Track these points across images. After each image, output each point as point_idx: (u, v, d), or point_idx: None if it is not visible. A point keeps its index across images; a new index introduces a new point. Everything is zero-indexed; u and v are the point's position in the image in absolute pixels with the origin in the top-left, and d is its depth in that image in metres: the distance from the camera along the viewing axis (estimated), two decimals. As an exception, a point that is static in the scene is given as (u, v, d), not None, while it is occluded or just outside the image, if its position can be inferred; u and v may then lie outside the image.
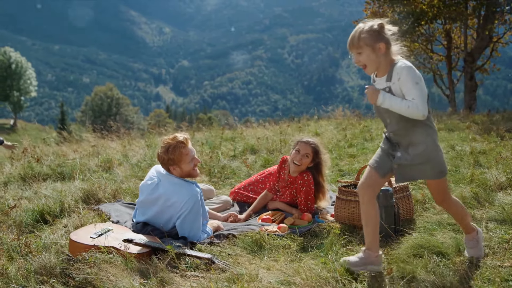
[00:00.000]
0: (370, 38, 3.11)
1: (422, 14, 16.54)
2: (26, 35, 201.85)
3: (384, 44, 3.12)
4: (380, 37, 3.13)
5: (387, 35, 3.15)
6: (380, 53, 3.13)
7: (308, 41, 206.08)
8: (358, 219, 4.11)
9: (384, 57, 3.15)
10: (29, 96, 65.57)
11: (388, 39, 3.15)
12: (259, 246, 3.71)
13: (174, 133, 4.43)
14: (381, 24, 3.14)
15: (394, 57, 3.17)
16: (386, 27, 3.16)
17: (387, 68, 3.15)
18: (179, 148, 4.03)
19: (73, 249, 3.55)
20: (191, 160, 4.09)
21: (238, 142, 8.55)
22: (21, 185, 5.94)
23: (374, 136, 8.51)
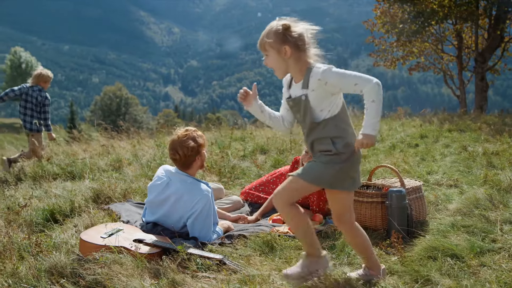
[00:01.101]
0: (275, 40, 2.85)
1: (432, 14, 16.42)
2: (36, 35, 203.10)
3: (289, 47, 2.84)
4: (285, 39, 2.84)
5: (294, 37, 2.84)
6: (286, 57, 2.86)
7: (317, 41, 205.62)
8: (370, 220, 4.07)
9: (294, 62, 2.88)
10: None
11: (295, 41, 2.84)
12: (270, 247, 3.68)
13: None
14: (285, 25, 2.84)
15: (309, 61, 2.89)
16: (293, 29, 2.85)
17: (301, 74, 2.89)
18: (201, 134, 4.14)
19: (84, 249, 3.53)
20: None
21: (248, 142, 8.51)
22: (32, 184, 5.94)
23: (385, 136, 8.46)
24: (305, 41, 2.87)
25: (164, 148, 8.23)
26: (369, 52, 20.53)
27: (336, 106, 2.86)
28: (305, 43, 2.87)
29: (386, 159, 6.76)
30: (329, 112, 2.85)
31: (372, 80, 2.72)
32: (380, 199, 4.05)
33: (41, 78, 7.56)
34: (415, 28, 16.73)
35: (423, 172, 5.83)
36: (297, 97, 2.91)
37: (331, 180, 2.84)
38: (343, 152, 2.80)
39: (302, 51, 2.87)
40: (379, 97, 2.73)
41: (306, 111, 2.87)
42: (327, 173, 2.82)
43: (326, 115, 2.85)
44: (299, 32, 2.86)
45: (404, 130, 9.11)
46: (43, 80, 7.57)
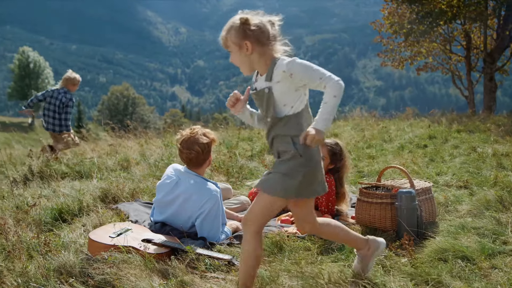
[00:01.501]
0: (235, 35, 2.70)
1: (441, 14, 16.33)
2: (44, 35, 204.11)
3: (250, 42, 2.69)
4: (245, 34, 2.69)
5: (254, 31, 2.68)
6: (248, 53, 2.72)
7: (324, 42, 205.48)
8: (380, 221, 4.04)
9: (258, 57, 2.74)
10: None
11: (256, 36, 2.69)
12: (279, 247, 3.66)
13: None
14: (243, 19, 2.68)
15: (275, 55, 2.75)
16: (252, 22, 2.68)
17: (266, 67, 2.74)
18: (209, 130, 4.12)
19: (92, 248, 3.53)
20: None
21: (256, 142, 8.50)
22: (40, 183, 5.95)
23: (393, 137, 8.42)
24: (267, 35, 2.72)
25: (172, 147, 8.22)
26: (377, 52, 20.47)
27: (300, 102, 2.72)
28: (268, 37, 2.72)
29: (395, 159, 6.72)
30: (292, 108, 2.71)
31: (337, 78, 2.59)
32: (390, 200, 4.02)
33: (70, 81, 7.87)
34: (423, 28, 16.65)
35: (432, 173, 5.79)
36: (261, 89, 2.76)
37: (296, 190, 2.69)
38: (303, 154, 2.66)
39: (265, 45, 2.72)
40: (340, 96, 2.59)
41: (269, 104, 2.73)
42: (291, 184, 2.67)
43: (289, 111, 2.70)
44: (259, 25, 2.70)
45: (412, 130, 9.07)
46: (72, 83, 7.88)
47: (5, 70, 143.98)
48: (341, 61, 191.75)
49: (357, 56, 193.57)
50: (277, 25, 2.80)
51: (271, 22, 2.77)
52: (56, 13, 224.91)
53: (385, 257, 3.42)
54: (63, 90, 7.82)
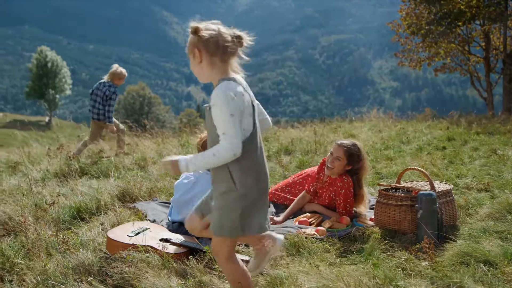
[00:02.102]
0: (190, 42, 2.60)
1: (460, 15, 16.15)
2: (62, 35, 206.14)
3: (199, 51, 2.56)
4: (196, 42, 2.56)
5: (205, 41, 2.53)
6: (198, 61, 2.59)
7: (340, 42, 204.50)
8: (399, 224, 3.99)
9: (209, 68, 2.58)
10: (64, 94, 66.94)
11: (206, 45, 2.54)
12: (297, 249, 3.63)
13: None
14: (193, 28, 2.55)
15: (226, 72, 2.59)
16: (203, 32, 2.54)
17: (215, 82, 2.57)
18: None
19: (111, 247, 3.53)
20: None
21: (272, 143, 8.47)
22: (58, 181, 5.99)
23: (411, 138, 8.33)
24: (218, 45, 2.54)
25: (188, 147, 8.23)
26: (393, 53, 20.30)
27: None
28: (218, 47, 2.54)
29: (413, 161, 6.65)
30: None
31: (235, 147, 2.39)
32: (410, 202, 3.97)
33: (116, 75, 8.12)
34: (442, 29, 16.47)
35: (452, 176, 5.71)
36: (206, 105, 2.59)
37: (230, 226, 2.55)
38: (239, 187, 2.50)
39: (215, 55, 2.55)
40: (220, 160, 2.42)
41: (209, 124, 2.57)
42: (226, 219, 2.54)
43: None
44: (210, 34, 2.54)
45: (430, 132, 8.97)
46: (117, 77, 8.12)
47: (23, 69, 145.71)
48: (357, 61, 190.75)
49: (373, 57, 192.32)
50: (242, 41, 2.63)
51: (234, 36, 2.60)
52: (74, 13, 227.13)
53: (405, 260, 3.37)
54: (108, 84, 8.07)
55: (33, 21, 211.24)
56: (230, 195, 2.51)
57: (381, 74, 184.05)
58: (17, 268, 3.32)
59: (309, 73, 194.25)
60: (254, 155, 2.55)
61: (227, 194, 2.52)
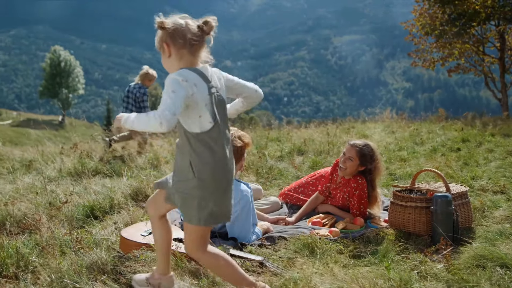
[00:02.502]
0: (157, 38, 2.67)
1: (474, 15, 15.99)
2: (75, 35, 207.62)
3: (167, 44, 2.62)
4: (163, 36, 2.63)
5: (171, 34, 2.60)
6: (168, 55, 2.65)
7: (352, 42, 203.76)
8: (414, 226, 3.95)
9: (177, 61, 2.64)
10: (77, 93, 67.51)
11: (172, 38, 2.60)
12: (311, 250, 3.61)
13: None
14: (160, 23, 2.62)
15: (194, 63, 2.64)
16: (168, 25, 2.61)
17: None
18: (245, 133, 4.08)
19: (124, 246, 3.53)
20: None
21: (284, 143, 8.45)
22: (72, 180, 6.02)
23: (425, 139, 8.26)
24: (185, 39, 2.59)
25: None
26: (405, 53, 20.17)
27: (192, 123, 2.57)
28: (185, 39, 2.59)
29: (427, 162, 6.59)
30: (185, 125, 2.59)
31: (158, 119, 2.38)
32: (425, 204, 3.93)
33: (146, 77, 8.21)
34: (456, 30, 16.32)
35: (467, 177, 5.65)
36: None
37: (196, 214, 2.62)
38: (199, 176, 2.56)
39: (183, 47, 2.60)
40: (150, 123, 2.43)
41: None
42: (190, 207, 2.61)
43: (185, 127, 2.59)
44: (177, 28, 2.60)
45: (444, 133, 8.89)
46: (148, 78, 8.21)
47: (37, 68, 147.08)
48: (369, 62, 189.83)
49: (385, 57, 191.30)
50: (212, 25, 2.66)
51: (201, 25, 2.64)
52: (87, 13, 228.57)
53: (420, 262, 3.33)
54: (138, 85, 8.16)
55: (47, 21, 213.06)
56: (189, 183, 2.57)
57: (393, 75, 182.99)
58: (31, 266, 3.33)
59: (321, 74, 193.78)
60: (214, 148, 2.58)
61: (186, 182, 2.59)
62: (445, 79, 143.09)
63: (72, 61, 64.21)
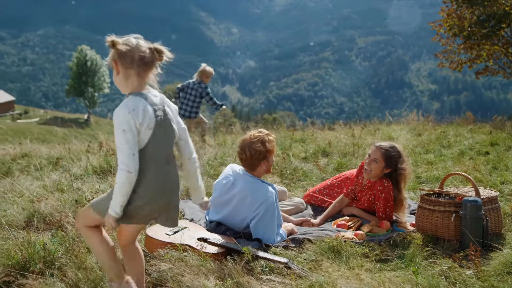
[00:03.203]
0: (109, 55, 2.69)
1: (504, 16, 15.66)
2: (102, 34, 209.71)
3: (115, 63, 2.65)
4: (115, 55, 2.65)
5: (120, 54, 2.63)
6: (116, 73, 2.67)
7: (377, 43, 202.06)
8: (442, 230, 3.87)
9: (124, 80, 2.67)
10: (102, 92, 68.42)
11: (121, 58, 2.63)
12: (336, 252, 3.56)
13: (244, 131, 4.37)
14: (111, 41, 2.66)
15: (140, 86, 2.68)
16: (119, 46, 2.64)
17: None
18: (273, 139, 4.01)
19: (149, 245, 3.55)
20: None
21: (309, 144, 8.39)
22: (97, 178, 6.07)
23: (452, 142, 8.11)
24: (133, 59, 2.63)
25: (225, 147, 8.25)
26: (432, 54, 19.88)
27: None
28: (134, 62, 2.63)
29: (455, 166, 6.47)
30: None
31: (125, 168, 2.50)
32: (454, 208, 3.85)
33: (204, 74, 8.68)
34: (485, 31, 16.00)
35: (496, 182, 5.52)
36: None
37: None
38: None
39: (129, 68, 2.64)
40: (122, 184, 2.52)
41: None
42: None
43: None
44: (127, 48, 2.64)
45: (472, 136, 8.71)
46: (205, 75, 8.68)
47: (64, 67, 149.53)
48: (394, 63, 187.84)
49: (411, 59, 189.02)
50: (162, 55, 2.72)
51: (153, 49, 2.70)
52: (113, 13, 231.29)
53: (449, 268, 3.26)
54: (197, 82, 8.63)
55: (74, 21, 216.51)
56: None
57: (419, 77, 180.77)
58: (58, 263, 3.36)
59: (345, 75, 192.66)
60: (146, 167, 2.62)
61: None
62: (472, 81, 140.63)
63: (98, 61, 65.09)
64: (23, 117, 66.39)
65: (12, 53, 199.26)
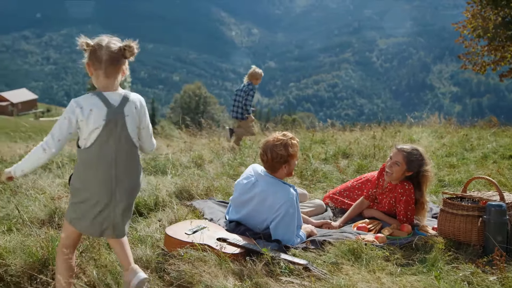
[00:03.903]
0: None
1: (530, 18, 15.38)
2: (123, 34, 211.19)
3: (87, 65, 2.83)
4: (88, 56, 2.83)
5: (90, 54, 2.80)
6: (90, 75, 2.84)
7: (398, 45, 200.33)
8: (465, 235, 3.80)
9: (95, 80, 2.84)
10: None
11: (91, 58, 2.80)
12: (356, 255, 3.52)
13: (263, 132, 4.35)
14: (81, 43, 2.84)
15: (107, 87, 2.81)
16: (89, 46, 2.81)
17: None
18: (296, 144, 3.98)
19: (169, 244, 3.55)
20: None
21: (329, 145, 8.34)
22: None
23: (475, 146, 7.98)
24: (100, 60, 2.76)
25: (245, 148, 8.24)
26: (454, 56, 19.61)
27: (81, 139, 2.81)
28: (102, 63, 2.76)
29: (478, 169, 6.36)
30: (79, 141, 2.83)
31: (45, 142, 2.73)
32: (477, 213, 3.77)
33: (253, 76, 8.73)
34: (510, 33, 15.73)
35: (521, 186, 5.41)
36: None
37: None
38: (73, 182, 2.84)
39: (100, 69, 2.77)
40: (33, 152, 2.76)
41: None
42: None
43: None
44: (94, 49, 2.78)
45: (496, 140, 8.56)
46: (254, 77, 8.74)
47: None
48: (416, 65, 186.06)
49: (433, 61, 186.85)
50: (133, 50, 2.87)
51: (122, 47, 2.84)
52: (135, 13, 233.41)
53: (472, 273, 3.20)
54: (247, 83, 8.72)
55: (96, 21, 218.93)
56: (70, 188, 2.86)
57: (440, 79, 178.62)
58: (77, 260, 3.38)
59: (365, 76, 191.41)
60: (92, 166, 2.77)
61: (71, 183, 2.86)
62: (495, 83, 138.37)
63: (120, 60, 65.73)
64: (46, 115, 67.41)
65: (35, 52, 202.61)
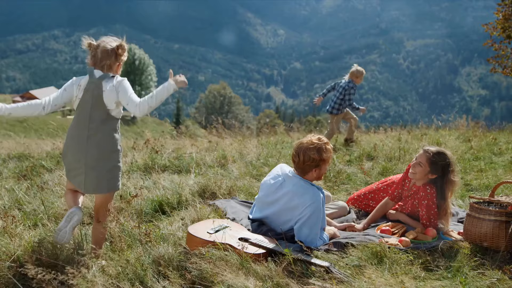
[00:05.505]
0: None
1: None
2: (150, 34, 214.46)
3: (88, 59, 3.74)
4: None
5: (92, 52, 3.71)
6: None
7: (426, 47, 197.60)
8: (492, 240, 3.71)
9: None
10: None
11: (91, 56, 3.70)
12: (379, 259, 3.47)
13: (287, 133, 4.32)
14: (86, 43, 3.73)
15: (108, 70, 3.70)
16: (90, 45, 3.73)
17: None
18: (330, 149, 3.95)
19: (191, 242, 3.55)
20: None
21: (353, 147, 8.27)
22: (142, 174, 6.16)
23: (504, 150, 7.80)
24: (95, 57, 3.67)
25: (269, 147, 8.22)
26: (483, 59, 19.23)
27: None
28: (97, 59, 3.66)
29: (506, 174, 6.22)
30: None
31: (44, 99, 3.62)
32: (505, 218, 3.69)
33: (353, 74, 8.81)
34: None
35: (551, 192, 5.27)
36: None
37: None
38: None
39: (95, 65, 3.66)
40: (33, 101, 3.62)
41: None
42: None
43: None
44: (94, 48, 3.71)
45: (526, 144, 8.36)
46: (355, 75, 8.79)
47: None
48: (443, 67, 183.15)
49: (461, 63, 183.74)
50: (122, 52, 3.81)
51: (117, 47, 3.77)
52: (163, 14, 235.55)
53: (498, 280, 3.13)
54: (348, 81, 8.77)
55: (124, 21, 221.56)
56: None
57: (469, 81, 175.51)
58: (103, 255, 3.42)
59: (391, 78, 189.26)
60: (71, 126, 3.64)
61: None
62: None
63: (146, 60, 66.28)
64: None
65: (64, 51, 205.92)
